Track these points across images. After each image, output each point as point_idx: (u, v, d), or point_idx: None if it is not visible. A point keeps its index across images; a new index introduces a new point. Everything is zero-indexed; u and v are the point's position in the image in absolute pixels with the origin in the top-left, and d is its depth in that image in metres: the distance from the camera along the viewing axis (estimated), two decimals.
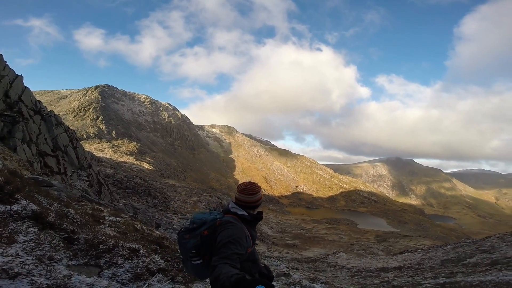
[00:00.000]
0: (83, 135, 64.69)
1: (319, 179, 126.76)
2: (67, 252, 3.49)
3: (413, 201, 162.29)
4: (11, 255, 2.75)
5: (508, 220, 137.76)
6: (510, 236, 9.31)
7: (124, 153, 62.40)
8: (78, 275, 3.00)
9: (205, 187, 72.92)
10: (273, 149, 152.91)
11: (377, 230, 68.85)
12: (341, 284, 7.57)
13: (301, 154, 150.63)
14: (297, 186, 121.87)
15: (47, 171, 13.90)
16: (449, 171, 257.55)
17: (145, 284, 3.60)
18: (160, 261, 4.90)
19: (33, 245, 3.15)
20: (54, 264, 3.01)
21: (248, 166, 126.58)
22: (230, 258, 1.66)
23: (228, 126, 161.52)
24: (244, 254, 1.82)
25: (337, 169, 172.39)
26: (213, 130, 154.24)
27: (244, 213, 2.04)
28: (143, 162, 61.26)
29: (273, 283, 3.56)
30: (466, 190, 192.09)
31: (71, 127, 17.42)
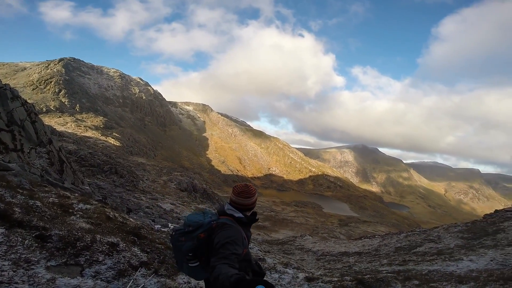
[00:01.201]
0: (42, 109, 59.14)
1: (291, 162, 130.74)
2: (43, 252, 3.33)
3: (374, 188, 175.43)
4: None
5: (453, 211, 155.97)
6: (453, 228, 10.75)
7: (89, 127, 58.26)
8: (61, 277, 2.91)
9: (176, 166, 71.62)
10: (248, 129, 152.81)
11: (340, 214, 74.19)
12: (310, 268, 8.23)
13: (275, 136, 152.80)
14: (269, 168, 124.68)
15: (1, 148, 12.62)
16: (408, 161, 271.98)
17: (130, 280, 3.58)
18: (141, 254, 4.89)
19: (5, 248, 2.95)
20: (33, 267, 2.87)
21: (222, 146, 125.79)
22: (229, 258, 1.68)
23: (203, 104, 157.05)
24: (241, 255, 1.85)
25: (307, 153, 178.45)
26: (187, 107, 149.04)
27: (241, 215, 2.06)
28: (110, 138, 57.86)
29: None
30: (421, 181, 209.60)
31: (29, 101, 15.82)
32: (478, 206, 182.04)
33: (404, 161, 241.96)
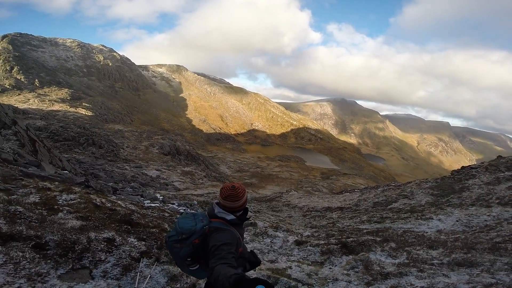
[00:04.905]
0: None
1: (272, 116, 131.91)
2: (48, 261, 3.32)
3: (352, 139, 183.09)
4: (3, 284, 2.57)
5: (424, 164, 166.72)
6: (425, 183, 11.96)
7: (55, 101, 54.40)
8: (76, 284, 3.00)
9: (155, 129, 69.51)
10: (227, 86, 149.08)
11: (322, 167, 78.10)
12: (298, 227, 9.01)
13: (255, 92, 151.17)
14: (252, 124, 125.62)
15: None
16: (383, 113, 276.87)
17: (137, 273, 3.70)
18: (138, 243, 4.87)
19: (11, 266, 2.93)
20: (47, 280, 2.89)
21: (202, 105, 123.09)
22: (226, 258, 1.71)
23: (177, 65, 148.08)
24: (237, 253, 1.91)
25: (288, 107, 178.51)
26: (160, 69, 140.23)
27: (233, 217, 2.06)
28: (80, 108, 54.38)
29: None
30: (395, 132, 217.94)
31: None
32: (446, 160, 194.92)
33: (380, 113, 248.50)
